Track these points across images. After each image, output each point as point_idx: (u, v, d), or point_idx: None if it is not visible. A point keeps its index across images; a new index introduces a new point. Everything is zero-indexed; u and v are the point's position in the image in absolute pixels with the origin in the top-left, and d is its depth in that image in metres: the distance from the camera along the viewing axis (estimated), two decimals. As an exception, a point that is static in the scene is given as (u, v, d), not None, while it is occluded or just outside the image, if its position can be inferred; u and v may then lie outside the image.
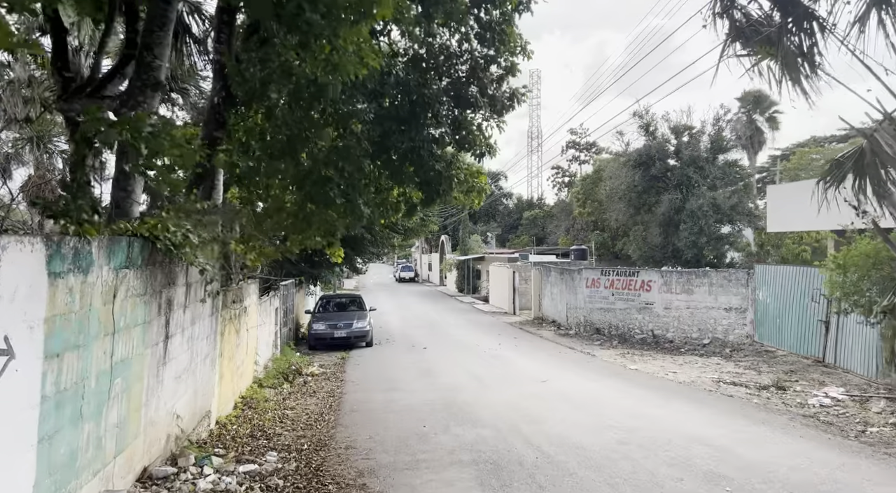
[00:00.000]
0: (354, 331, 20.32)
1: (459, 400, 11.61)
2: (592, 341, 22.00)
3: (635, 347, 20.62)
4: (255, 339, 13.25)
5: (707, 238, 31.21)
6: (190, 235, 6.54)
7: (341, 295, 24.72)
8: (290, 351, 18.15)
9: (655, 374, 15.03)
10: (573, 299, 25.00)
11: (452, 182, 10.66)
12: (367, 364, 17.14)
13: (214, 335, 9.30)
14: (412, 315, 31.27)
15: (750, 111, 47.39)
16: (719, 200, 30.45)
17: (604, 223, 43.80)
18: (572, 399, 11.54)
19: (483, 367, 16.01)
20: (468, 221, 50.57)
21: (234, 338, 10.90)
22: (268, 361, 15.25)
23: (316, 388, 13.51)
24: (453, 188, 10.78)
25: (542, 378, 14.01)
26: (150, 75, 6.64)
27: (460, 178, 10.81)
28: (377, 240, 22.80)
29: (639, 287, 22.04)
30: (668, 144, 32.95)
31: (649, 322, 21.70)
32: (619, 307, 22.67)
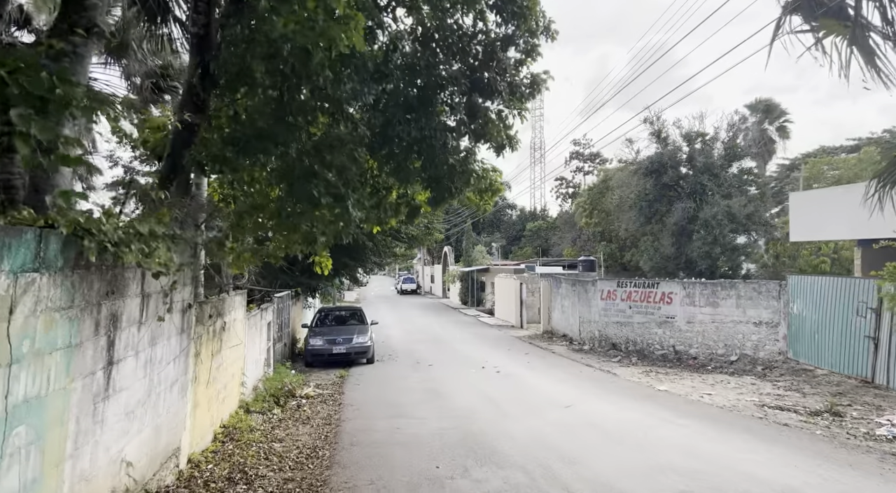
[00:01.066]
0: (354, 346, 18.65)
1: (475, 430, 9.94)
2: (609, 357, 20.33)
3: (656, 364, 18.95)
4: (241, 358, 11.60)
5: (722, 249, 29.64)
6: (139, 230, 4.95)
7: (340, 308, 23.07)
8: (285, 369, 16.49)
9: (689, 396, 13.36)
10: (586, 312, 23.35)
11: (469, 178, 9.06)
12: (368, 384, 15.47)
13: (186, 357, 7.66)
14: (415, 329, 29.58)
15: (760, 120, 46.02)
16: (734, 209, 28.90)
17: (611, 234, 42.24)
18: (608, 430, 9.87)
19: (496, 388, 14.33)
20: (472, 232, 48.94)
21: (215, 359, 9.26)
22: (258, 381, 13.59)
23: (311, 413, 11.84)
24: (469, 185, 9.18)
25: (565, 402, 12.34)
26: (82, 16, 5.03)
27: (477, 174, 9.20)
28: (379, 249, 21.18)
29: (659, 300, 20.40)
30: (680, 151, 31.48)
31: (670, 337, 20.03)
32: (637, 321, 21.02)
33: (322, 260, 10.27)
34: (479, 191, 9.55)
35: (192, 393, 8.03)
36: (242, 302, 11.60)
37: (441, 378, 15.93)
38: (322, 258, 10.25)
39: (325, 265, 10.27)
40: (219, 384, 9.59)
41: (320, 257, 10.23)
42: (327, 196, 7.92)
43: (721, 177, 30.10)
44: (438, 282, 55.49)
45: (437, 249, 56.77)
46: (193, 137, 8.75)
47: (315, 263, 10.30)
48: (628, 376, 16.53)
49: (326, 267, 10.27)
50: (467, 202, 9.89)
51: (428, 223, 23.19)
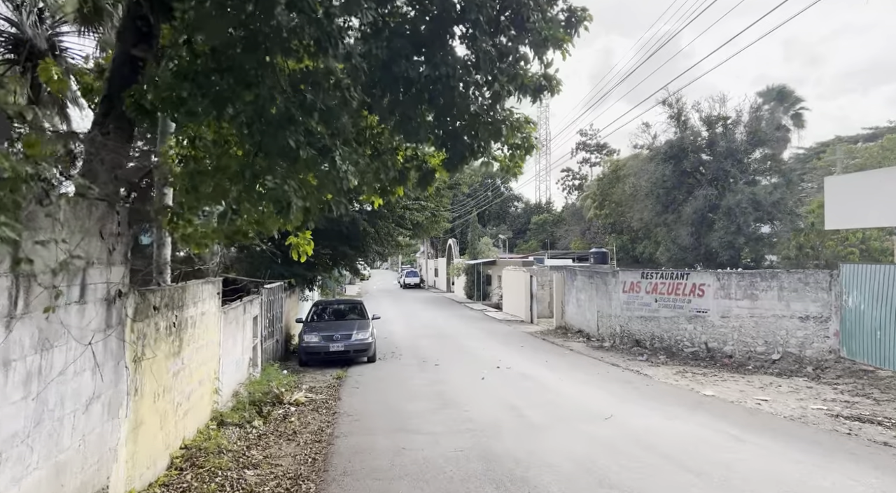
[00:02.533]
0: (354, 344, 16.53)
1: (500, 452, 7.83)
2: (633, 355, 18.21)
3: (688, 363, 16.83)
4: (214, 359, 9.48)
5: (746, 238, 27.48)
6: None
7: (339, 301, 20.93)
8: (275, 370, 14.38)
9: (743, 403, 11.24)
10: (606, 305, 21.21)
11: (498, 130, 6.87)
12: (368, 387, 13.36)
13: (117, 363, 5.54)
14: (420, 324, 27.45)
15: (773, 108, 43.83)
16: (760, 196, 26.72)
17: (623, 225, 40.09)
18: (668, 452, 7.74)
19: (517, 392, 12.21)
20: (477, 223, 46.77)
21: (171, 362, 7.14)
22: (239, 386, 11.48)
23: (299, 426, 9.72)
24: (498, 139, 7.00)
25: (602, 411, 10.21)
26: None
27: (509, 123, 7.02)
28: (381, 236, 19.05)
29: (689, 292, 18.25)
30: (699, 136, 29.28)
31: (702, 333, 17.89)
32: (663, 315, 18.88)
33: (300, 243, 7.98)
34: (509, 148, 7.38)
35: (131, 410, 5.91)
36: (215, 292, 9.48)
37: (451, 380, 13.81)
38: (300, 240, 7.97)
39: (304, 249, 7.98)
40: (178, 395, 7.47)
41: (300, 238, 7.97)
42: (308, 148, 5.78)
43: (744, 162, 27.93)
44: (442, 276, 53.34)
45: (441, 241, 54.62)
46: (136, 75, 6.63)
47: (293, 246, 8.00)
48: (662, 377, 14.41)
49: (305, 251, 7.99)
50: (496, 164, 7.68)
51: (434, 210, 21.08)
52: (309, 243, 8.02)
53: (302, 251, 8.03)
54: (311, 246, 8.06)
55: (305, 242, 8.01)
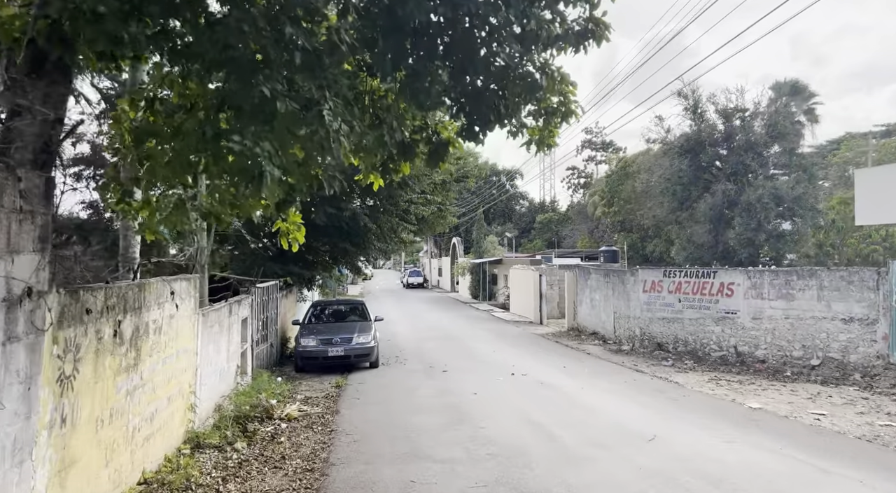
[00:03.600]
0: (355, 348, 14.99)
1: (536, 489, 6.30)
2: (656, 359, 16.68)
3: (717, 368, 15.30)
4: (189, 370, 7.97)
5: (767, 235, 25.91)
6: None
7: (339, 301, 19.39)
8: (267, 378, 12.85)
9: (798, 418, 9.71)
10: (624, 306, 19.69)
11: (537, 84, 5.32)
12: (370, 398, 11.83)
13: (26, 388, 4.01)
14: (425, 325, 25.91)
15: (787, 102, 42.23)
16: (782, 191, 25.14)
17: (632, 223, 38.54)
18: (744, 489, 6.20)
19: (539, 405, 10.68)
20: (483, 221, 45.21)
21: (122, 380, 5.63)
22: (223, 398, 9.95)
23: (289, 448, 8.20)
24: (533, 96, 5.48)
25: (642, 429, 8.68)
26: None
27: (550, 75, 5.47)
28: (384, 232, 17.53)
29: (716, 292, 16.71)
30: (716, 130, 27.72)
31: (731, 336, 16.34)
32: (688, 317, 17.35)
33: (290, 229, 6.43)
34: (543, 114, 5.86)
35: (55, 448, 4.40)
36: (192, 291, 7.96)
37: (462, 389, 12.28)
38: (290, 226, 6.42)
39: (295, 236, 6.45)
40: (135, 418, 5.96)
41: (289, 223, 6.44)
42: (286, 99, 4.28)
43: (764, 156, 26.36)
44: (446, 275, 51.77)
45: (445, 240, 53.05)
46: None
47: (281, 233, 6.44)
48: (694, 385, 12.89)
49: (296, 239, 6.45)
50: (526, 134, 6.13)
51: (440, 204, 19.56)
52: (300, 229, 6.50)
53: (292, 239, 6.50)
54: (302, 232, 6.54)
55: (296, 228, 6.48)
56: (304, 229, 6.42)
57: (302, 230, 6.39)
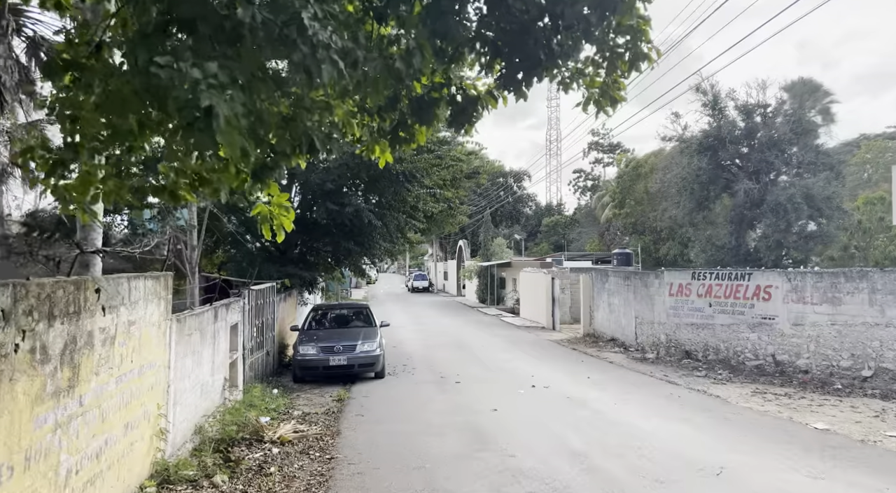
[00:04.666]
0: (359, 356, 13.50)
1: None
2: (686, 369, 15.16)
3: (755, 379, 13.78)
4: (158, 388, 6.50)
5: (797, 236, 24.40)
6: None
7: (342, 305, 17.89)
8: (261, 391, 11.37)
9: (877, 442, 8.19)
10: (647, 311, 18.17)
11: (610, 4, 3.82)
12: (376, 414, 10.34)
13: None
14: (432, 331, 24.42)
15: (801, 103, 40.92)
16: (813, 190, 23.63)
17: (645, 225, 37.04)
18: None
19: (572, 425, 9.17)
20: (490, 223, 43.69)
21: (46, 409, 4.16)
22: (206, 418, 8.46)
23: (279, 482, 6.70)
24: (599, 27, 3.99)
25: (705, 460, 7.17)
26: None
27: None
28: (390, 231, 16.07)
29: (751, 295, 15.18)
30: (735, 127, 26.24)
31: (768, 344, 14.80)
32: (719, 322, 15.82)
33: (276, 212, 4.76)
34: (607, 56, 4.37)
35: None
36: (160, 292, 6.49)
37: (481, 405, 10.77)
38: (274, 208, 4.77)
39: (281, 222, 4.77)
40: (69, 457, 4.48)
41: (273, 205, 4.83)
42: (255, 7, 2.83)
43: (788, 154, 24.86)
44: (452, 279, 50.21)
45: (451, 243, 51.55)
46: None
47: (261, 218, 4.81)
48: (738, 399, 11.38)
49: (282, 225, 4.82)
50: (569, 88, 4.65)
51: (451, 201, 18.09)
52: (288, 212, 4.99)
53: (277, 226, 4.98)
54: (291, 217, 5.02)
55: (283, 212, 4.97)
56: (292, 213, 4.93)
57: (290, 214, 4.90)
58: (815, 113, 36.85)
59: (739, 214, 25.74)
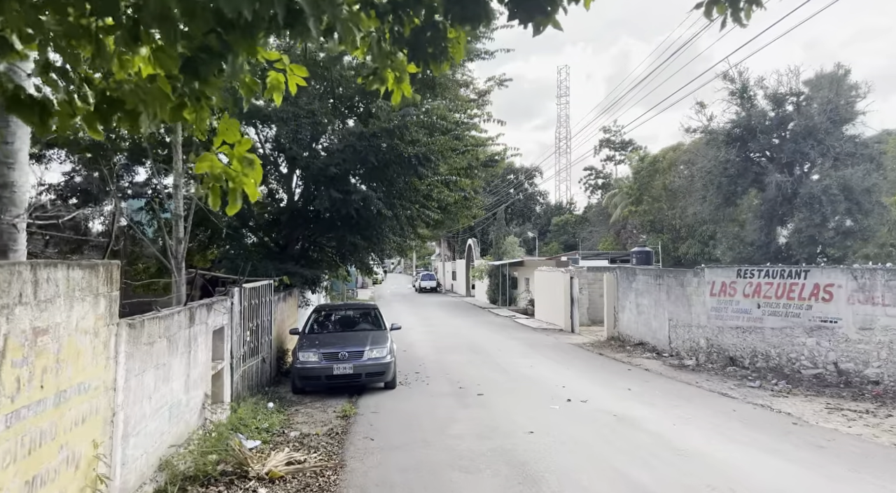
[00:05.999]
0: (367, 364, 11.65)
1: None
2: (736, 379, 13.28)
3: (819, 391, 11.89)
4: (94, 420, 4.64)
5: (835, 232, 22.43)
6: None
7: (347, 306, 16.03)
8: (252, 406, 9.55)
9: None
10: (683, 313, 16.28)
11: None
12: (388, 437, 8.49)
13: None
14: (444, 333, 22.57)
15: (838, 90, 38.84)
16: (852, 182, 21.66)
17: (663, 223, 35.10)
18: None
19: (631, 455, 7.30)
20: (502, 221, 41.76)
21: None
22: (175, 448, 6.62)
23: (261, 546, 4.88)
24: None
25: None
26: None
27: None
28: (400, 224, 14.21)
29: (808, 295, 13.28)
30: (765, 117, 24.29)
31: (829, 350, 12.90)
32: (769, 325, 13.92)
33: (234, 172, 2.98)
34: None
35: None
36: (96, 286, 4.66)
37: (512, 425, 8.92)
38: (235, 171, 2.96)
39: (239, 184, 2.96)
40: None
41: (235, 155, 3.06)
42: None
43: (826, 143, 22.89)
44: (461, 279, 48.29)
45: (460, 242, 49.65)
46: None
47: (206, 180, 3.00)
48: (814, 417, 9.50)
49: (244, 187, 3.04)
50: None
51: (467, 191, 16.23)
52: (252, 168, 3.10)
53: (234, 188, 3.10)
54: (257, 174, 3.13)
55: (244, 169, 3.08)
56: (258, 170, 3.06)
57: (256, 172, 3.04)
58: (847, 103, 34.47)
59: (770, 209, 23.80)
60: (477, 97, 17.13)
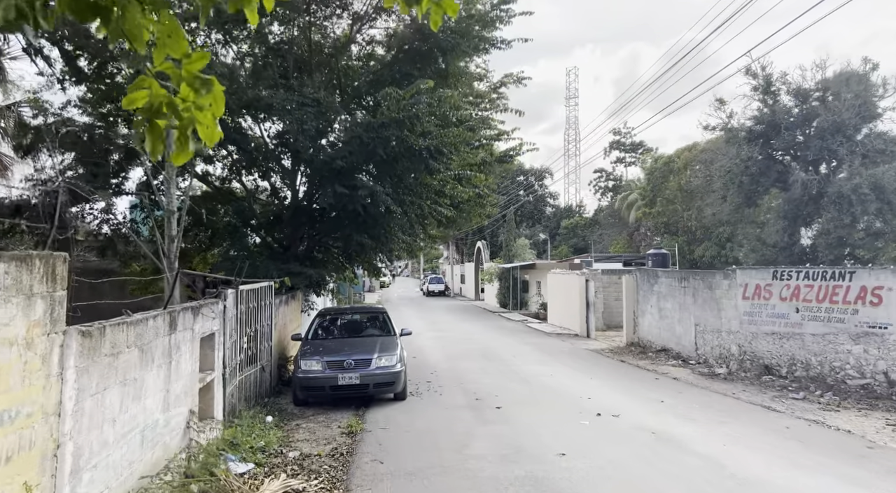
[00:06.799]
0: (375, 374, 10.54)
1: None
2: (773, 388, 12.13)
3: (871, 404, 10.72)
4: (29, 455, 3.57)
5: (863, 233, 21.20)
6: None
7: (353, 309, 14.86)
8: (251, 420, 8.50)
9: None
10: (712, 317, 15.11)
11: None
12: (400, 460, 7.39)
13: None
14: (454, 338, 21.47)
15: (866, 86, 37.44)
16: (884, 180, 20.43)
17: (678, 225, 33.90)
18: None
19: (689, 485, 6.19)
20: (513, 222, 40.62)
21: None
22: (150, 480, 5.55)
23: None
24: None
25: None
26: None
27: None
28: (411, 221, 13.13)
29: (854, 299, 12.10)
30: (790, 114, 23.09)
31: (878, 359, 11.71)
32: (810, 331, 12.75)
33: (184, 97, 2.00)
34: None
35: None
36: (34, 286, 3.60)
37: (540, 446, 7.81)
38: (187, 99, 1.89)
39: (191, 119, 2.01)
40: None
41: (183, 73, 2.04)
42: None
43: (855, 140, 21.69)
44: (470, 282, 47.11)
45: (469, 244, 48.55)
46: None
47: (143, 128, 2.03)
48: (880, 437, 8.35)
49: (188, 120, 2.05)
50: None
51: (481, 188, 15.15)
52: (207, 90, 2.06)
53: (184, 125, 2.05)
54: (219, 106, 2.09)
55: (197, 94, 2.05)
56: (220, 95, 2.03)
57: (216, 96, 2.01)
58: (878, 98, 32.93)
59: (794, 209, 22.59)
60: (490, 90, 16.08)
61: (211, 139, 2.07)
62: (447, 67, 13.47)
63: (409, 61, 13.14)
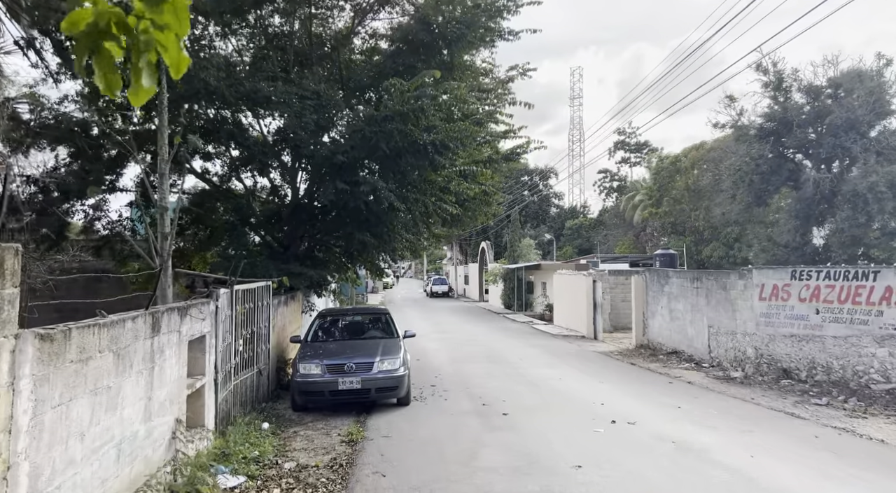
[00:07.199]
0: (377, 378, 9.99)
1: None
2: (794, 393, 11.54)
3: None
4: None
5: (879, 232, 20.57)
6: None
7: (354, 310, 14.31)
8: (246, 427, 7.97)
9: None
10: (726, 318, 14.53)
11: None
12: (404, 473, 6.83)
13: None
14: (459, 340, 20.91)
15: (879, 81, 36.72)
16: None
17: (686, 225, 33.29)
18: None
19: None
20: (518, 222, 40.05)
21: None
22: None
23: None
24: None
25: None
26: None
27: None
28: (415, 219, 12.60)
29: (878, 299, 11.50)
30: (802, 111, 22.48)
31: (904, 362, 11.14)
32: (830, 334, 12.15)
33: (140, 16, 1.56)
34: None
35: None
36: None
37: (553, 456, 7.25)
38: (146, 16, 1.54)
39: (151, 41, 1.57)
40: None
41: None
42: None
43: (869, 137, 21.07)
44: (474, 283, 46.54)
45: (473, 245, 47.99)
46: None
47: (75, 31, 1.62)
48: (915, 447, 7.76)
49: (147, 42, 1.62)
50: None
51: (488, 186, 14.59)
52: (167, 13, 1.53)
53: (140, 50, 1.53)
54: (179, 24, 1.56)
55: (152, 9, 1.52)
56: (185, 13, 1.55)
57: (180, 13, 1.53)
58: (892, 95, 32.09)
59: (806, 208, 21.98)
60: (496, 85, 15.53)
61: (178, 67, 1.54)
62: (452, 60, 12.95)
63: (413, 53, 12.61)
